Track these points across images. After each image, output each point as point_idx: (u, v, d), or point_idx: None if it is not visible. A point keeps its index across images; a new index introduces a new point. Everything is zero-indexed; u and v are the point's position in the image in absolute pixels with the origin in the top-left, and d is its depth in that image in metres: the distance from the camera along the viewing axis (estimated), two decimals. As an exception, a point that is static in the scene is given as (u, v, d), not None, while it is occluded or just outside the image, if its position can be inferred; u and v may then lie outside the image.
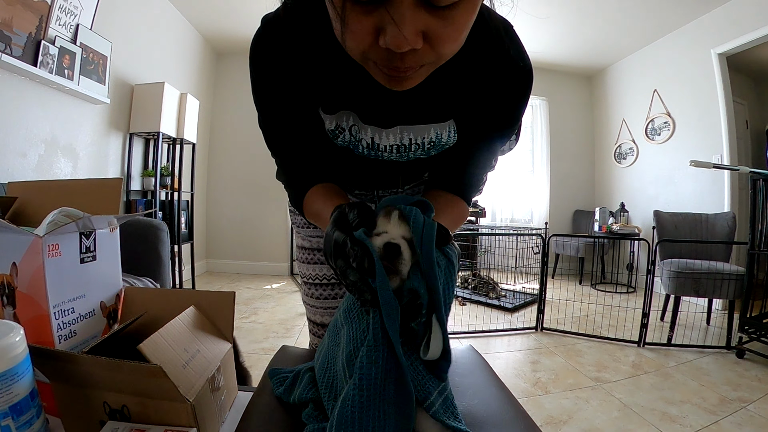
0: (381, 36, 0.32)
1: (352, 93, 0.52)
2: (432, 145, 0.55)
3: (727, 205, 3.00)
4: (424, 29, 0.32)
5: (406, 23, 0.30)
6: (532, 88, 0.54)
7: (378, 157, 0.57)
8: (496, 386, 0.53)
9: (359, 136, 0.55)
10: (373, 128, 0.54)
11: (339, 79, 0.50)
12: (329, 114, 0.54)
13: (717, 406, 1.50)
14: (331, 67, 0.49)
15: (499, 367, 1.90)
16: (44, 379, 0.43)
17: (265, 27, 0.49)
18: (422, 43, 0.33)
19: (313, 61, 0.49)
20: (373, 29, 0.33)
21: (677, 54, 3.41)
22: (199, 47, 3.65)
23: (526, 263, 3.17)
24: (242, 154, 3.92)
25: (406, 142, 0.55)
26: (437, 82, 0.48)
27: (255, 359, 1.87)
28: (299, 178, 0.56)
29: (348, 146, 0.56)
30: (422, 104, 0.52)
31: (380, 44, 0.33)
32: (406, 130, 0.54)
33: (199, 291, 0.60)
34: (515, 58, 0.49)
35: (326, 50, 0.47)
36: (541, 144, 4.44)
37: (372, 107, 0.53)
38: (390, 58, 0.35)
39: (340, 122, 0.54)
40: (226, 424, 0.52)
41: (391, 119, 0.54)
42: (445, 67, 0.41)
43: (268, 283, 3.56)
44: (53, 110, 2.03)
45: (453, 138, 0.55)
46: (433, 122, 0.54)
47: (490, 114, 0.53)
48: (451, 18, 0.32)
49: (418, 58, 0.35)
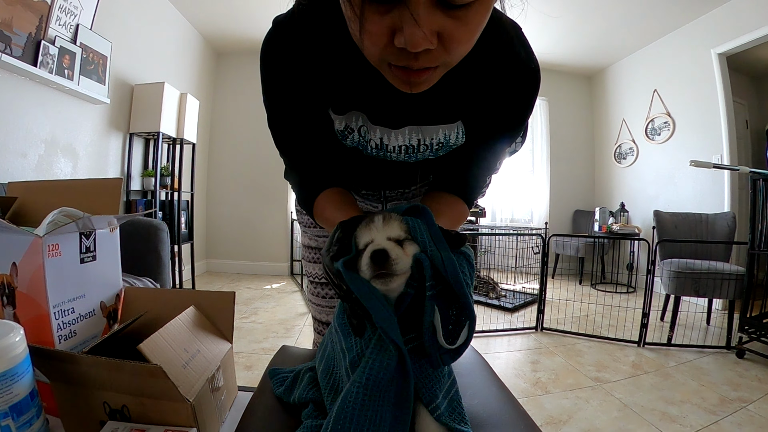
0: (397, 36, 0.33)
1: (362, 94, 0.52)
2: (440, 146, 0.56)
3: (727, 205, 3.00)
4: (438, 29, 0.33)
5: (422, 22, 0.31)
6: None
7: (387, 157, 0.57)
8: (496, 386, 0.53)
9: (368, 136, 0.55)
10: (382, 129, 0.55)
11: (349, 79, 0.51)
12: (339, 114, 0.54)
13: (717, 406, 1.50)
14: (341, 68, 0.49)
15: (499, 367, 1.90)
16: (44, 379, 0.43)
17: (277, 28, 0.49)
18: (437, 42, 0.33)
19: (324, 61, 0.49)
20: (389, 29, 0.33)
21: (677, 54, 3.41)
22: (199, 47, 3.65)
23: (526, 263, 3.17)
24: (242, 154, 3.93)
25: (414, 143, 0.55)
26: (447, 83, 0.48)
27: (255, 359, 1.87)
28: (310, 181, 0.56)
29: (357, 147, 0.56)
30: (431, 105, 0.53)
31: (396, 44, 0.33)
32: (415, 131, 0.55)
33: (199, 291, 0.60)
34: (525, 61, 0.50)
35: (337, 51, 0.47)
36: (541, 144, 4.44)
37: (381, 108, 0.53)
38: (404, 58, 0.35)
39: (350, 123, 0.54)
40: (226, 424, 0.52)
41: (400, 120, 0.54)
42: (455, 69, 0.41)
43: (268, 283, 3.56)
44: (53, 110, 2.03)
45: (461, 139, 0.55)
46: (441, 123, 0.54)
47: (498, 115, 0.53)
48: (466, 19, 0.33)
49: (431, 59, 0.36)
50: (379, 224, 0.38)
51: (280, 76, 0.50)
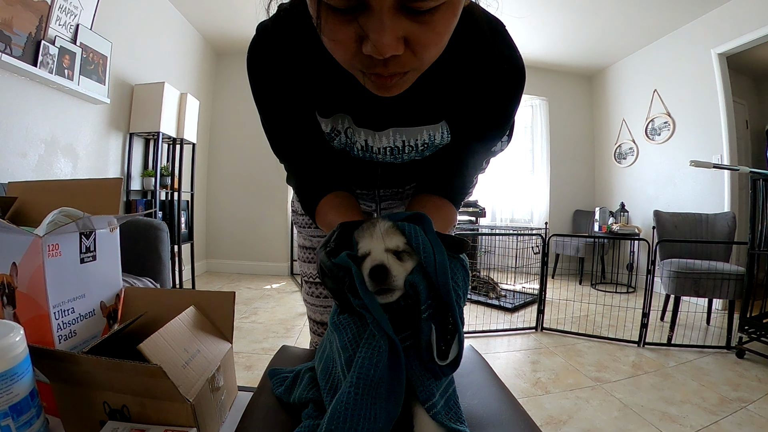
0: (364, 43, 0.33)
1: (345, 97, 0.52)
2: (426, 147, 0.55)
3: (727, 205, 3.00)
4: (404, 35, 0.32)
5: (386, 30, 0.31)
6: (533, 88, 0.54)
7: (373, 158, 0.57)
8: (496, 386, 0.53)
9: (354, 138, 0.55)
10: (367, 131, 0.55)
11: (333, 83, 0.51)
12: (325, 117, 0.54)
13: (717, 406, 1.50)
14: (324, 72, 0.49)
15: (499, 367, 1.90)
16: (44, 379, 0.43)
17: (260, 35, 0.49)
18: (403, 48, 0.33)
19: (308, 65, 0.50)
20: (356, 37, 0.33)
21: (677, 54, 3.41)
22: (199, 47, 3.65)
23: (526, 263, 3.17)
24: (242, 154, 3.93)
25: (399, 144, 0.55)
26: (427, 84, 0.48)
27: (255, 359, 1.87)
28: (310, 187, 0.57)
29: (344, 148, 0.57)
30: (413, 107, 0.52)
31: (363, 51, 0.33)
32: (399, 132, 0.55)
33: (199, 291, 0.60)
34: (501, 57, 0.49)
35: (319, 55, 0.47)
36: (541, 144, 4.44)
37: (364, 110, 0.53)
38: (373, 65, 0.35)
39: (336, 125, 0.55)
40: (226, 424, 0.52)
41: (383, 122, 0.54)
42: (434, 69, 0.41)
43: (268, 283, 3.56)
44: (53, 110, 2.03)
45: (446, 139, 0.55)
46: (425, 124, 0.54)
47: (482, 114, 0.53)
48: (432, 23, 0.32)
49: (401, 64, 0.35)
50: (379, 233, 0.39)
51: (266, 81, 0.51)
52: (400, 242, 0.38)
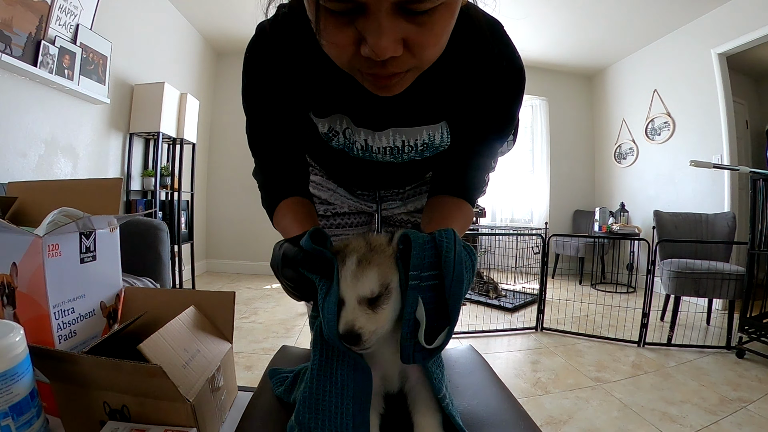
0: (362, 45, 0.33)
1: (344, 97, 0.52)
2: (425, 147, 0.56)
3: (727, 205, 3.00)
4: (403, 36, 0.32)
5: (384, 32, 0.31)
6: (533, 88, 0.54)
7: (372, 158, 0.57)
8: (496, 386, 0.53)
9: (353, 138, 0.56)
10: (366, 131, 0.55)
11: (331, 83, 0.51)
12: (322, 117, 0.54)
13: (717, 406, 1.50)
14: (323, 72, 0.50)
15: (499, 367, 1.90)
16: (44, 379, 0.43)
17: (259, 35, 0.50)
18: (402, 50, 0.33)
19: (306, 66, 0.50)
20: (354, 39, 0.33)
21: (677, 54, 3.41)
22: (199, 47, 3.65)
23: (526, 263, 3.17)
24: (242, 154, 3.89)
25: (399, 144, 0.55)
26: (426, 84, 0.48)
27: (255, 359, 1.87)
28: (274, 186, 0.57)
29: (343, 148, 0.57)
30: (413, 107, 0.53)
31: (362, 53, 0.33)
32: (399, 132, 0.55)
33: (199, 291, 0.60)
34: (500, 57, 0.49)
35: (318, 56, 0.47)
36: (541, 144, 4.44)
37: (364, 111, 0.53)
38: (372, 66, 0.35)
39: (333, 125, 0.55)
40: (226, 424, 0.52)
41: (383, 122, 0.54)
42: (433, 70, 0.41)
43: (268, 283, 3.55)
44: (53, 110, 2.03)
45: (446, 139, 0.55)
46: (424, 124, 0.54)
47: (483, 114, 0.53)
48: (430, 24, 0.32)
49: (399, 65, 0.36)
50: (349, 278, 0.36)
51: (260, 81, 0.51)
52: (375, 285, 0.36)
